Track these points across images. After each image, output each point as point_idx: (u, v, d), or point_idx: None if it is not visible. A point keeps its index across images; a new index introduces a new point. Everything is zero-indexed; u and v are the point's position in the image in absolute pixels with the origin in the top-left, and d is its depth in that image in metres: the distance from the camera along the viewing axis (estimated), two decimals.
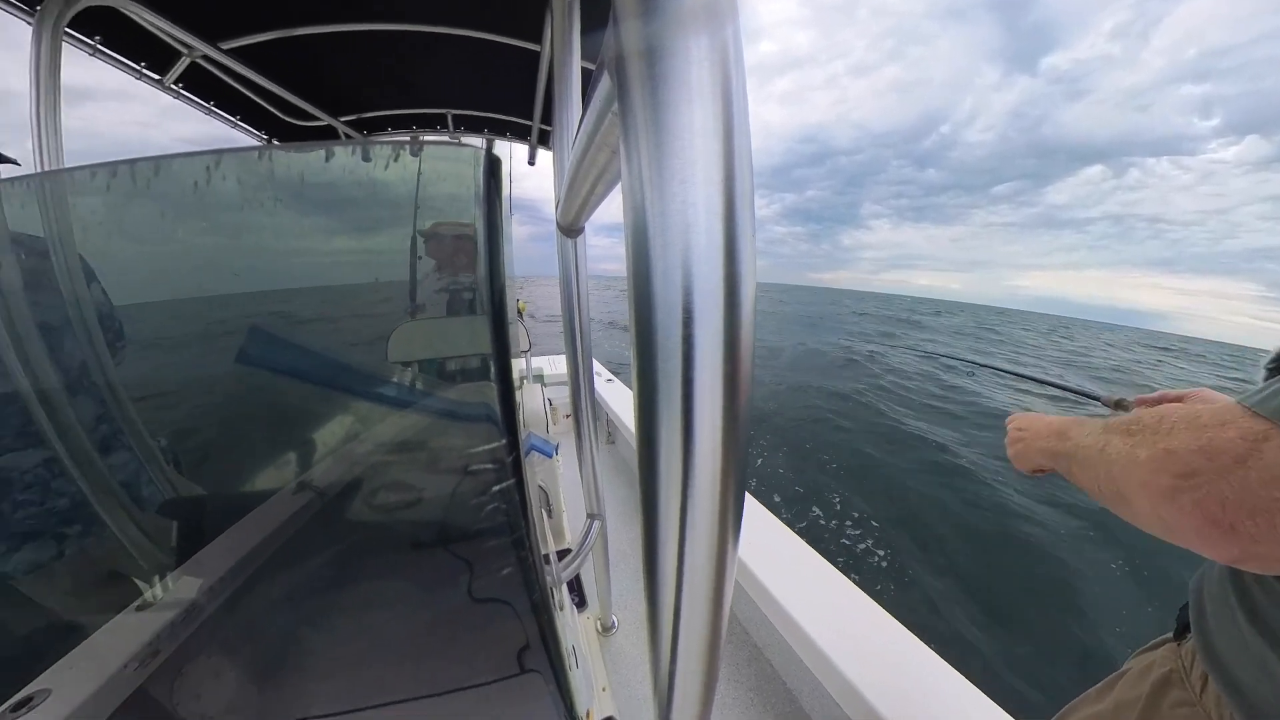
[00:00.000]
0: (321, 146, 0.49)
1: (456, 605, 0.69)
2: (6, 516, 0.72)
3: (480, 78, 1.96)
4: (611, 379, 3.78)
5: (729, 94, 0.19)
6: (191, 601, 0.70)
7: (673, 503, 0.22)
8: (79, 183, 0.52)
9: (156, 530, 0.70)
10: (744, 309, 0.20)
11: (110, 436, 0.67)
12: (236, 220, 0.51)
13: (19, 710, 0.68)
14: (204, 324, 0.60)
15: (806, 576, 1.48)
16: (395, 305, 0.60)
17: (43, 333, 0.65)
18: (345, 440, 0.64)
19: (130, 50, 1.41)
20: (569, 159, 0.49)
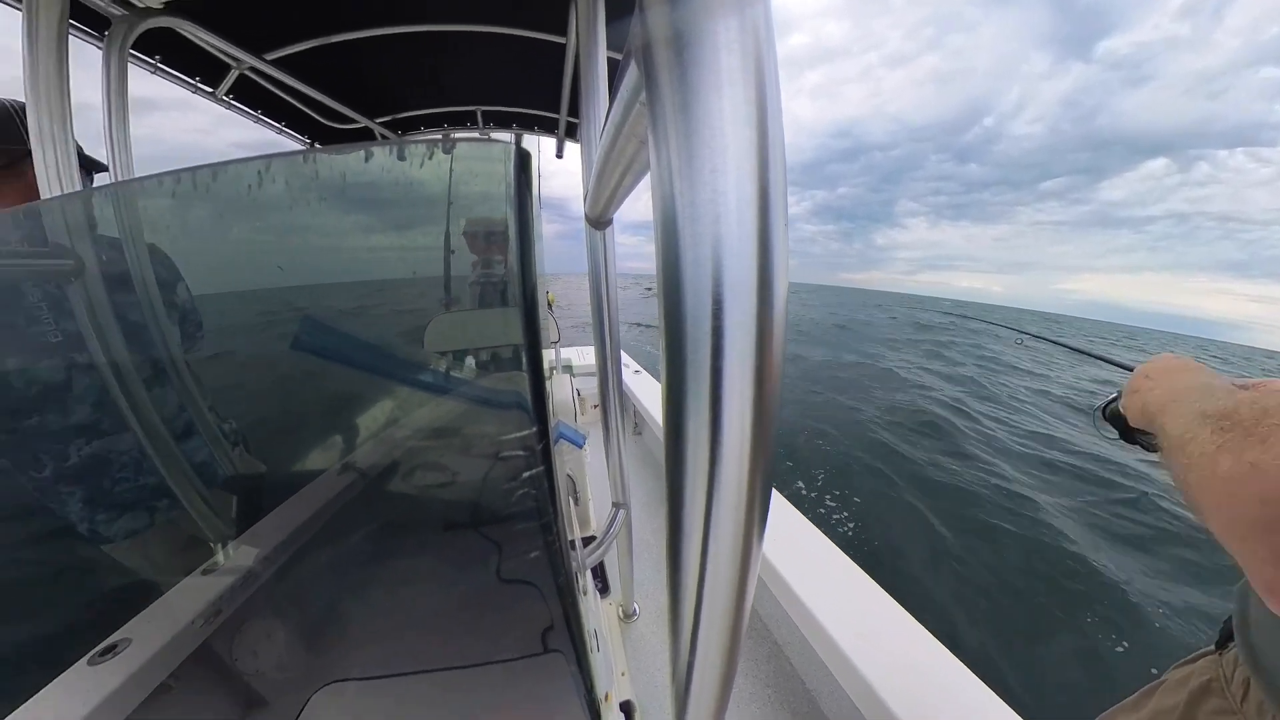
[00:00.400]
0: (360, 148, 0.51)
1: (485, 584, 0.73)
2: (108, 491, 0.81)
3: (507, 73, 1.99)
4: (639, 371, 3.79)
5: (761, 79, 0.18)
6: (249, 568, 0.77)
7: (698, 495, 0.22)
8: (149, 190, 0.57)
9: (220, 503, 0.77)
10: (776, 301, 0.19)
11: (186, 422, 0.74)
12: (285, 219, 0.54)
13: (106, 655, 0.77)
14: (258, 315, 0.65)
15: (831, 576, 1.46)
16: (431, 298, 0.63)
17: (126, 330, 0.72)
18: (386, 425, 0.67)
19: (186, 66, 1.55)
20: (597, 151, 0.49)
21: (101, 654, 0.79)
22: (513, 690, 0.72)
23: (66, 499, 0.81)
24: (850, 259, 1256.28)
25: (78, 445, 0.76)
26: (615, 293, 1.06)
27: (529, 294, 0.47)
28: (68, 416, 0.74)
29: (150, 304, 0.74)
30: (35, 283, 0.66)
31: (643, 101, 0.22)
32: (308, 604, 0.84)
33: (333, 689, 0.80)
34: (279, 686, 0.83)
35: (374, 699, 0.76)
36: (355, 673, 0.79)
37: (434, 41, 1.62)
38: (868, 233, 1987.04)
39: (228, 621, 0.79)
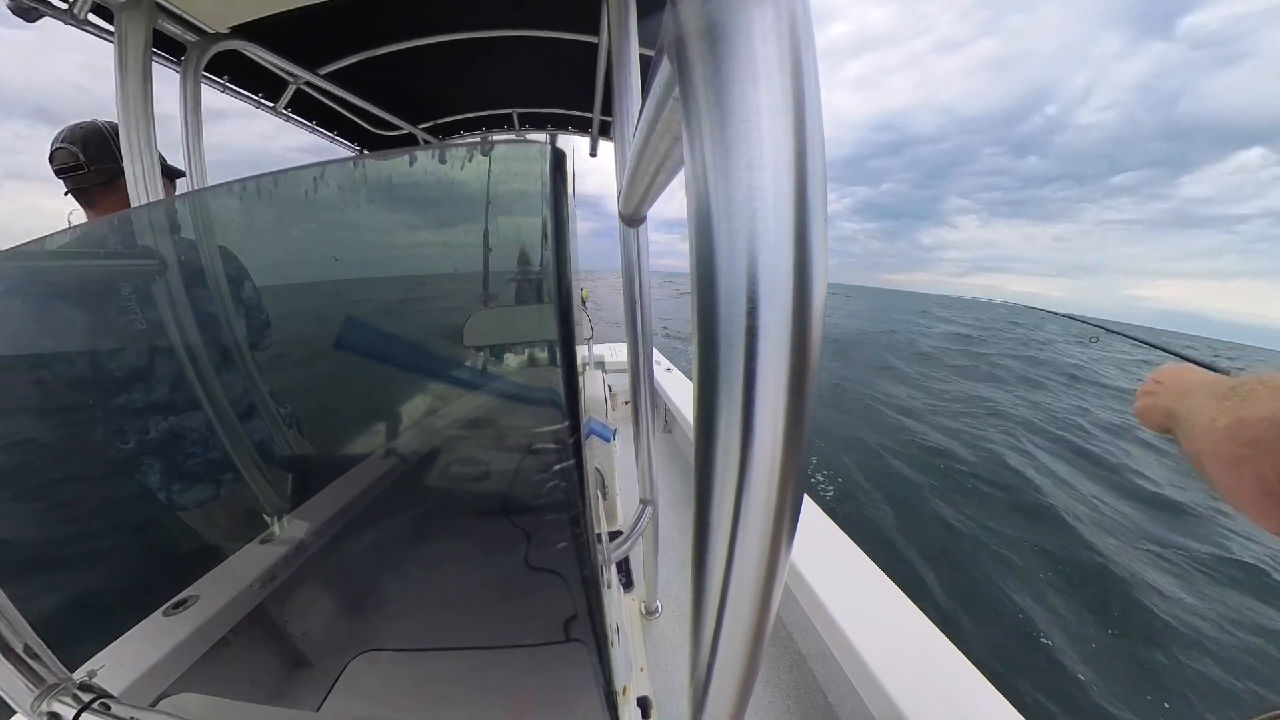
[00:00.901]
0: (404, 153, 0.54)
1: (513, 571, 0.75)
2: (181, 464, 0.90)
3: (541, 75, 2.04)
4: (670, 368, 3.77)
5: (798, 68, 0.18)
6: (301, 540, 0.83)
7: (727, 496, 0.22)
8: (220, 196, 0.63)
9: (278, 480, 0.84)
10: (813, 300, 0.19)
11: (249, 404, 0.82)
12: (337, 219, 0.59)
13: (178, 608, 0.86)
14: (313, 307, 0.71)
15: (861, 588, 1.42)
16: (470, 293, 0.65)
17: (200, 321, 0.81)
18: (426, 415, 0.71)
19: (251, 84, 1.71)
20: (630, 148, 0.49)
21: (174, 607, 0.87)
22: (534, 675, 0.74)
23: (147, 470, 0.91)
24: (892, 259, 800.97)
25: (156, 421, 0.85)
26: (649, 290, 1.07)
27: (564, 291, 0.48)
28: (150, 395, 0.83)
29: (221, 298, 0.82)
30: (127, 279, 0.74)
31: (676, 97, 0.22)
32: (350, 576, 0.90)
33: (369, 656, 0.86)
34: (321, 650, 0.90)
35: (405, 669, 0.81)
36: (390, 643, 0.84)
37: (471, 49, 1.69)
38: (912, 231, 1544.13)
39: (281, 587, 0.86)
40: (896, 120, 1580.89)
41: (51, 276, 0.73)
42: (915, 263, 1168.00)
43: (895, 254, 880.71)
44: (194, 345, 0.84)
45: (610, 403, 2.70)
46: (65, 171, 1.25)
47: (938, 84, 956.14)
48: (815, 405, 0.20)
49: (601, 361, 3.73)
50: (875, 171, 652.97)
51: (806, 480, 0.23)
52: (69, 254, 0.70)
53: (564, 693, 0.71)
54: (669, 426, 3.40)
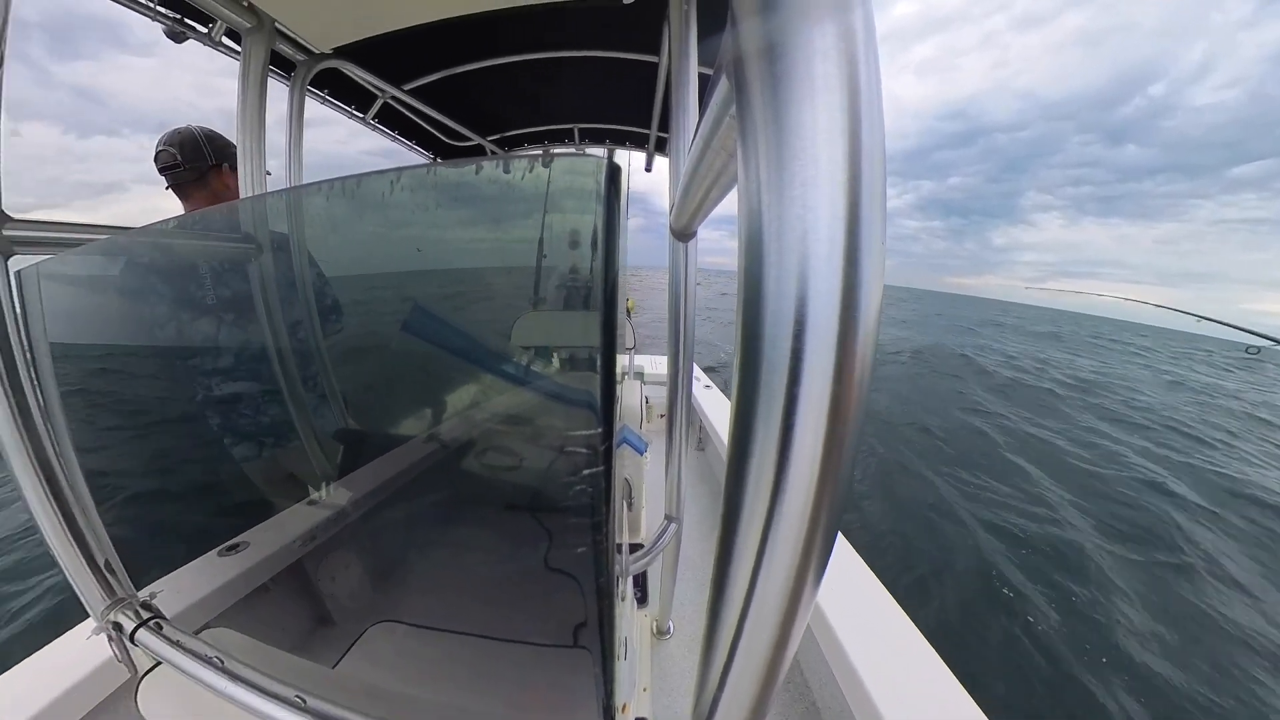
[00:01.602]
0: (472, 162, 0.57)
1: (532, 567, 0.76)
2: (237, 425, 1.00)
3: (602, 93, 2.15)
4: (710, 385, 3.73)
5: (856, 87, 0.17)
6: (342, 507, 0.89)
7: (755, 525, 0.21)
8: (311, 194, 0.71)
9: (329, 450, 0.91)
10: (864, 324, 0.18)
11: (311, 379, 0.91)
12: (410, 219, 0.63)
13: (231, 551, 0.94)
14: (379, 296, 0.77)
15: (889, 643, 1.32)
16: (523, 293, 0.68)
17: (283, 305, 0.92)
18: (468, 406, 0.74)
19: (346, 98, 1.92)
20: (684, 164, 0.50)
21: (228, 549, 0.96)
22: (537, 674, 0.75)
23: (219, 431, 1.01)
24: (959, 260, 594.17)
25: (220, 383, 0.96)
26: (694, 305, 1.07)
27: (609, 300, 0.49)
28: (220, 360, 0.94)
29: (303, 284, 0.91)
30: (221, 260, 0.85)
31: (733, 115, 0.21)
32: (380, 548, 0.95)
33: (386, 626, 0.90)
34: (345, 612, 0.95)
35: (418, 644, 0.84)
36: (407, 617, 0.88)
37: (538, 68, 1.81)
38: (983, 230, 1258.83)
39: (319, 547, 0.92)
40: (968, 107, 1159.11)
41: (169, 252, 0.84)
42: (985, 265, 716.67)
43: (962, 255, 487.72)
44: (273, 322, 0.94)
45: (646, 414, 2.70)
46: (166, 169, 1.48)
47: (1017, 65, 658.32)
48: (859, 438, 0.19)
49: (641, 373, 3.74)
50: (941, 164, 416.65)
51: (841, 518, 0.22)
52: (183, 234, 0.80)
53: (563, 697, 0.71)
54: (702, 445, 3.35)
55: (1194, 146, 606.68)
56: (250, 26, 1.28)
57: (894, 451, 7.02)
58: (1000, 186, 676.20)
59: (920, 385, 12.88)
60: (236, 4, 1.23)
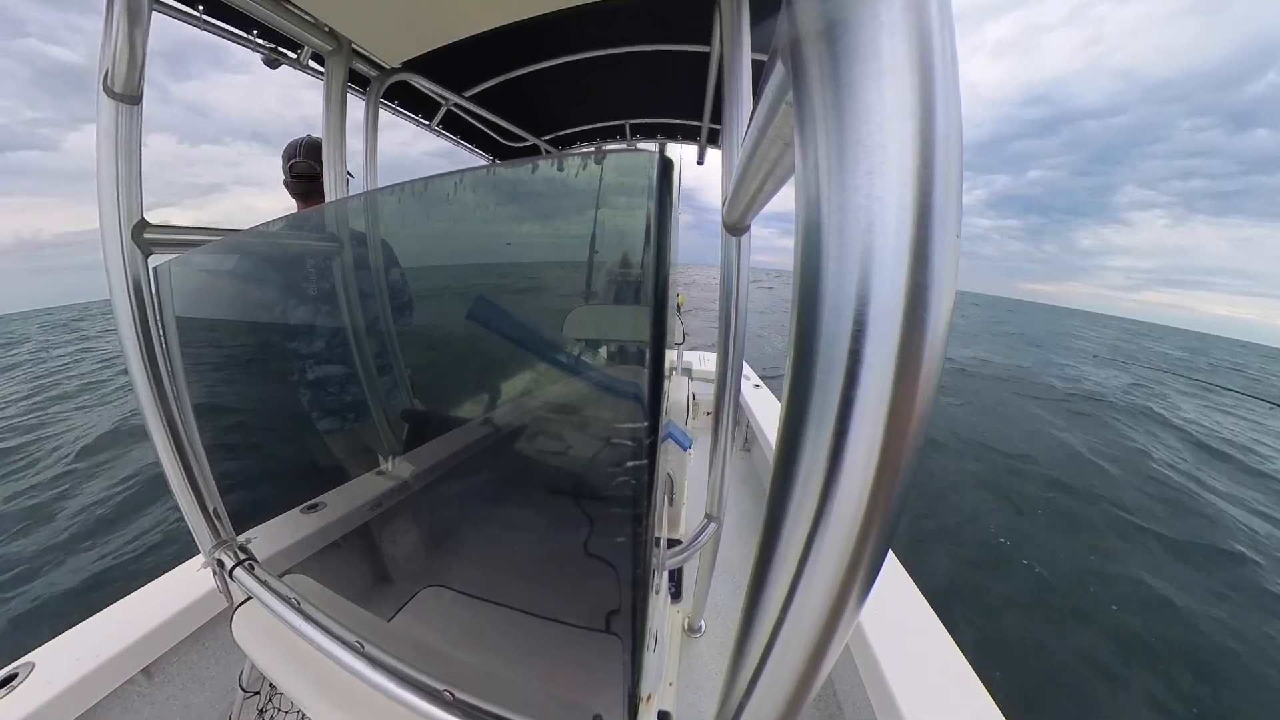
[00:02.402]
0: (528, 162, 0.59)
1: (571, 551, 0.79)
2: (322, 401, 1.14)
3: (653, 88, 2.15)
4: (760, 385, 3.60)
5: (929, 63, 0.15)
6: (405, 479, 0.97)
7: (799, 532, 0.20)
8: (384, 196, 0.78)
9: (396, 427, 1.01)
10: (932, 326, 0.16)
11: (384, 363, 1.01)
12: (472, 216, 0.68)
13: (311, 510, 1.06)
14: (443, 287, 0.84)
15: (933, 672, 1.24)
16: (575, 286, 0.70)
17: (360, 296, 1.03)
18: (522, 393, 0.78)
19: (413, 107, 2.05)
20: (738, 156, 0.49)
21: (309, 508, 1.07)
22: (568, 653, 0.78)
23: (301, 399, 1.14)
24: (1037, 264, 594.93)
25: (311, 364, 1.08)
26: (746, 302, 1.05)
27: (660, 295, 0.50)
28: (323, 352, 1.06)
29: (378, 277, 1.02)
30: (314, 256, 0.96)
31: (789, 101, 0.20)
32: (436, 519, 1.03)
33: (435, 590, 0.97)
34: (402, 573, 1.04)
35: (462, 610, 0.90)
36: (456, 585, 0.95)
37: (589, 66, 1.84)
38: (1067, 230, 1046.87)
39: (384, 513, 1.01)
40: (1052, 90, 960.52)
41: (273, 249, 0.96)
42: (1067, 270, 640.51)
43: (1041, 258, 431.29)
44: (353, 311, 1.08)
45: (692, 411, 2.69)
46: (304, 178, 1.68)
47: (1112, 41, 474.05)
48: (919, 450, 0.18)
49: (689, 369, 3.70)
50: (1019, 155, 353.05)
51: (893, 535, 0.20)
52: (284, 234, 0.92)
53: (591, 679, 0.74)
54: (749, 445, 3.28)
55: None
56: (331, 49, 1.42)
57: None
58: (1089, 180, 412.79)
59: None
60: (319, 29, 1.36)
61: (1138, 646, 3.80)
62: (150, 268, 0.95)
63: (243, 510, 1.10)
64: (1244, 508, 6.81)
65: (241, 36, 1.34)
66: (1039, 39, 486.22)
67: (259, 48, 1.40)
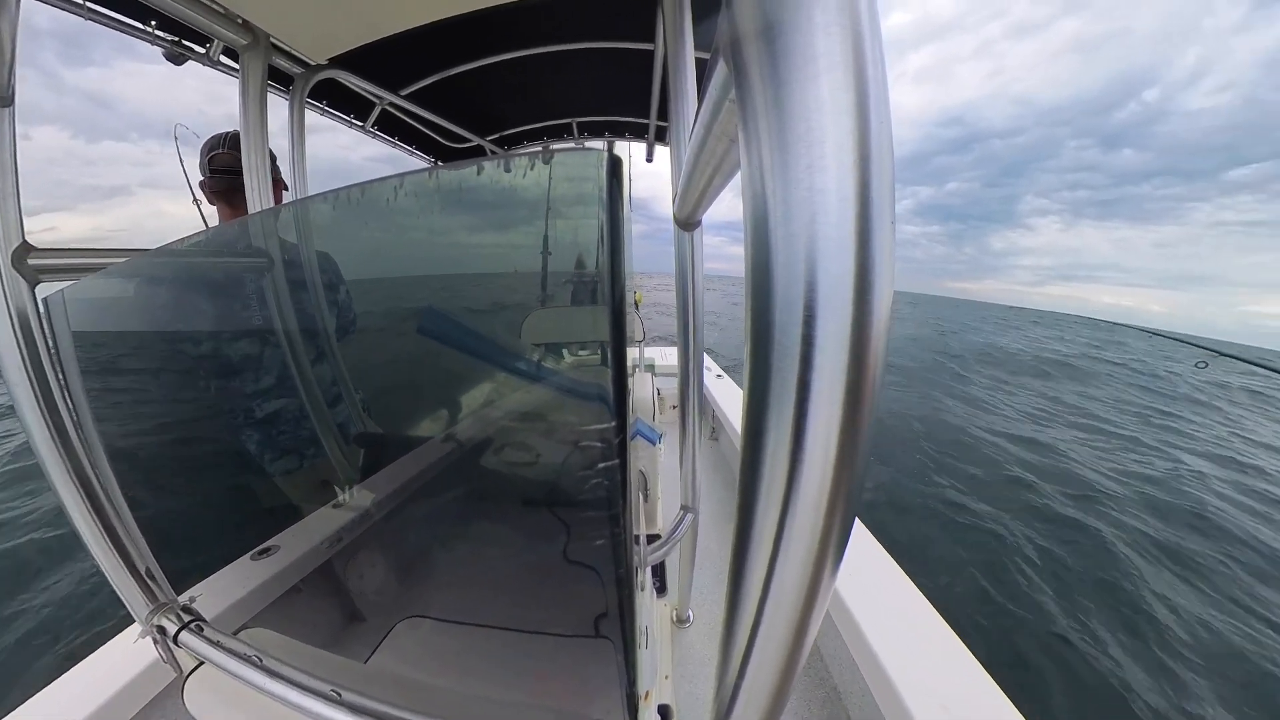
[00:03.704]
0: (473, 163, 0.57)
1: (551, 561, 0.78)
2: (275, 438, 1.04)
3: (599, 85, 2.12)
4: (721, 374, 3.70)
5: (861, 62, 0.16)
6: (366, 509, 0.91)
7: (771, 512, 0.21)
8: (317, 205, 0.72)
9: (351, 455, 0.94)
10: (876, 310, 0.17)
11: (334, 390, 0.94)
12: (413, 224, 0.64)
13: (263, 555, 0.98)
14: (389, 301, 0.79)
15: (911, 629, 1.31)
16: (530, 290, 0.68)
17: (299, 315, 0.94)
18: (483, 405, 0.75)
19: (344, 107, 1.92)
20: (686, 152, 0.49)
21: (260, 553, 0.99)
22: (560, 664, 0.77)
23: (248, 440, 1.05)
24: (959, 265, 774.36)
25: (260, 401, 1.00)
26: (701, 294, 1.06)
27: (617, 294, 0.49)
28: (258, 378, 0.98)
29: (317, 295, 0.94)
30: (250, 276, 0.87)
31: (733, 99, 0.21)
32: (404, 547, 0.98)
33: (413, 621, 0.92)
34: (373, 608, 0.98)
35: (444, 638, 0.86)
36: (433, 612, 0.90)
37: (533, 64, 1.80)
38: (982, 235, 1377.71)
39: (346, 548, 0.95)
40: (965, 114, 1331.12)
41: (187, 271, 0.87)
42: (985, 269, 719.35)
43: (962, 260, 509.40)
44: (293, 335, 0.98)
45: (658, 406, 2.71)
46: (227, 172, 1.47)
47: (1012, 73, 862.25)
48: (874, 423, 0.19)
49: (652, 364, 3.73)
50: (940, 170, 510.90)
51: (859, 503, 0.22)
52: (200, 252, 0.82)
53: (586, 686, 0.72)
54: (716, 434, 3.35)
55: (1190, 150, 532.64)
56: (246, 44, 1.29)
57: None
58: (998, 191, 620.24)
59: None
60: (231, 22, 1.24)
61: (935, 464, 7.19)
62: (39, 298, 0.82)
63: (182, 566, 0.99)
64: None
65: (135, 28, 1.17)
66: (953, 68, 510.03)
67: (159, 41, 1.22)
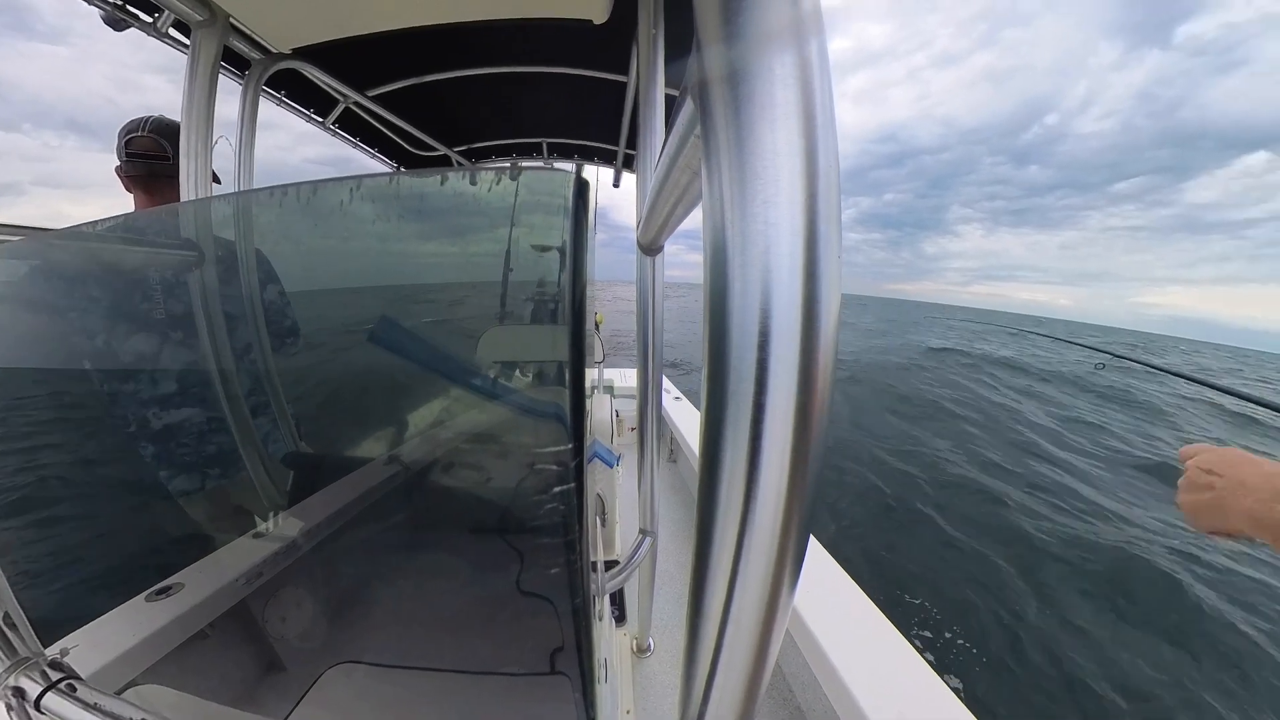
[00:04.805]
0: (438, 172, 0.56)
1: (503, 593, 0.73)
2: (175, 454, 0.91)
3: (572, 109, 2.16)
4: (680, 397, 3.75)
5: (812, 113, 0.18)
6: (293, 539, 0.82)
7: (729, 533, 0.21)
8: (262, 200, 0.66)
9: (278, 477, 0.84)
10: (824, 333, 0.19)
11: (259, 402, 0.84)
12: (370, 231, 0.61)
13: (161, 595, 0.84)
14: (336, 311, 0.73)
15: (868, 641, 1.34)
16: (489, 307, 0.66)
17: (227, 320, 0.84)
18: (432, 424, 0.70)
19: (304, 100, 1.82)
20: (651, 181, 0.51)
21: (157, 593, 0.86)
22: (513, 705, 0.71)
23: (150, 454, 0.92)
24: (897, 269, 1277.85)
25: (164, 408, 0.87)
26: (662, 318, 1.08)
27: (578, 314, 0.49)
28: (157, 386, 0.86)
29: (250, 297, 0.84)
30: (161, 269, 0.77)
31: (698, 135, 0.22)
32: (336, 583, 0.88)
33: (344, 668, 0.83)
34: (297, 656, 0.87)
35: (381, 685, 0.78)
36: (368, 657, 0.81)
37: (508, 81, 1.80)
38: (916, 241, 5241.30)
39: (266, 585, 0.85)
40: (898, 132, 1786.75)
41: (99, 256, 0.76)
42: (921, 272, 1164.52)
43: (900, 263, 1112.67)
44: (216, 339, 0.86)
45: (617, 428, 2.69)
46: (145, 158, 1.35)
47: (937, 97, 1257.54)
48: (825, 442, 0.20)
49: (611, 386, 3.72)
50: (878, 182, 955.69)
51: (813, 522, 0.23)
52: (116, 237, 0.73)
53: None
54: (674, 456, 3.35)
55: (1083, 167, 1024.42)
56: (202, 20, 1.19)
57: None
58: (928, 201, 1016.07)
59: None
60: None
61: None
62: None
63: (54, 611, 0.83)
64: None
65: None
66: (887, 91, 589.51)
67: (100, 3, 1.10)
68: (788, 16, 0.19)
